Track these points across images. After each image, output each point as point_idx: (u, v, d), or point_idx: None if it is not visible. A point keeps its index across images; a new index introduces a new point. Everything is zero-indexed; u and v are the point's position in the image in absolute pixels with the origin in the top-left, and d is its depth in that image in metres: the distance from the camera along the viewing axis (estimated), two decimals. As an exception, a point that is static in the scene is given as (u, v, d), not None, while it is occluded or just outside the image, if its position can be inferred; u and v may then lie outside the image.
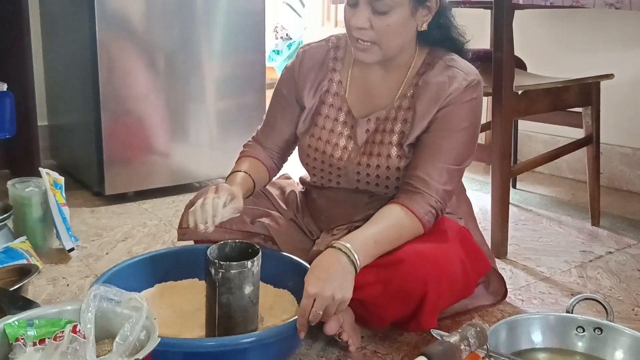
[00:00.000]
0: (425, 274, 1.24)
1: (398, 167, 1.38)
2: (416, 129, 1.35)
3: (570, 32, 2.69)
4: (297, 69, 1.47)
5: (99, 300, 0.98)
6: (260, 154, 1.53)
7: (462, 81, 1.33)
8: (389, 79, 1.41)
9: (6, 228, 1.74)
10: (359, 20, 1.28)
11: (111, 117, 2.25)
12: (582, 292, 1.66)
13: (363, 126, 1.41)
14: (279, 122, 1.52)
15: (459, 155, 1.35)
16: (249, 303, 1.23)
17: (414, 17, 1.31)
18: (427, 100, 1.34)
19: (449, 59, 1.37)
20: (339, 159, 1.43)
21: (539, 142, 2.85)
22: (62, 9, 2.47)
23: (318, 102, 1.46)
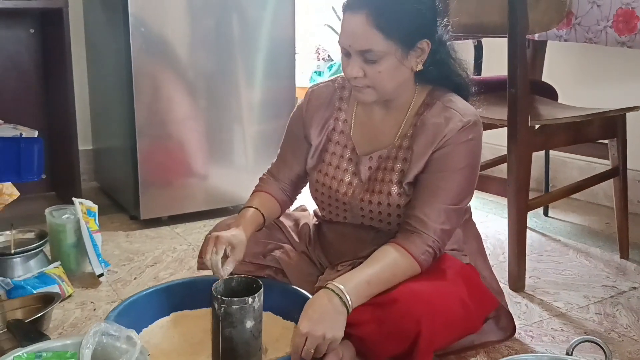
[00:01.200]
0: (418, 313, 1.27)
1: (398, 204, 1.41)
2: (414, 168, 1.39)
3: (603, 63, 2.65)
4: (305, 108, 1.54)
5: (100, 335, 1.05)
6: (272, 188, 1.58)
7: (458, 122, 1.36)
8: (390, 119, 1.45)
9: (42, 253, 1.87)
10: (352, 70, 1.34)
11: (146, 142, 2.36)
12: (596, 330, 1.64)
13: (366, 164, 1.46)
14: (290, 158, 1.58)
15: (456, 196, 1.37)
16: (251, 337, 1.29)
17: (405, 60, 1.34)
18: (424, 140, 1.38)
19: (447, 100, 1.40)
20: (344, 194, 1.48)
21: (575, 169, 2.81)
22: (103, 37, 2.61)
23: (325, 140, 1.52)
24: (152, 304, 1.52)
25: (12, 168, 1.42)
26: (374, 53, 1.31)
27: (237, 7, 2.44)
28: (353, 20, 1.31)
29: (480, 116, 1.95)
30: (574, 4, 1.67)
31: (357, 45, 1.31)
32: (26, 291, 1.66)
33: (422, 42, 1.35)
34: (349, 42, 1.32)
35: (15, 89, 2.61)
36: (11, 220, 1.93)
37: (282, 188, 1.60)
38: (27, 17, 2.58)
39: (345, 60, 1.36)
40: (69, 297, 1.80)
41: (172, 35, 2.36)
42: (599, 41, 1.62)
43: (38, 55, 2.63)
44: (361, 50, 1.31)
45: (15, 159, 1.41)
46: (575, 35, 1.68)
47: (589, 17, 1.64)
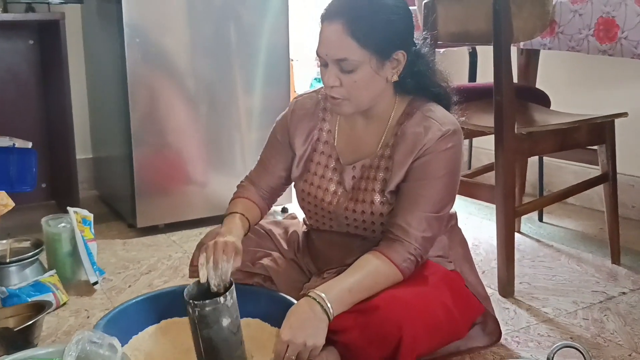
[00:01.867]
0: (399, 318, 1.29)
1: (382, 212, 1.44)
2: (395, 177, 1.41)
3: (596, 69, 2.66)
4: (290, 117, 1.56)
5: (83, 343, 1.08)
6: (253, 195, 1.61)
7: (437, 131, 1.38)
8: (371, 128, 1.48)
9: (38, 262, 1.90)
10: (329, 79, 1.37)
11: (143, 151, 2.40)
12: (583, 335, 1.66)
13: (349, 173, 1.49)
14: (272, 164, 1.60)
15: (437, 203, 1.39)
16: (230, 334, 1.31)
17: (381, 70, 1.36)
18: (404, 149, 1.40)
19: (427, 109, 1.42)
20: (329, 203, 1.50)
21: (570, 174, 2.82)
22: (100, 47, 2.65)
23: (310, 150, 1.54)
24: (142, 312, 1.54)
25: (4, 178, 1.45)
26: (350, 62, 1.33)
27: (233, 15, 2.48)
28: (329, 29, 1.34)
29: (469, 123, 1.98)
30: (557, 13, 1.69)
31: (333, 54, 1.34)
32: (21, 299, 1.70)
33: (398, 53, 1.37)
34: (326, 50, 1.35)
35: (15, 99, 2.65)
36: (10, 229, 1.97)
37: (261, 194, 1.62)
38: (26, 29, 2.63)
39: (323, 70, 1.39)
40: (64, 305, 1.83)
41: (168, 44, 2.40)
42: (581, 49, 1.63)
43: (37, 66, 2.67)
44: (337, 59, 1.34)
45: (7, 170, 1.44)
46: (559, 43, 1.70)
47: (571, 25, 1.66)
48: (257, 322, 1.55)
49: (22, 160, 1.46)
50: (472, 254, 1.66)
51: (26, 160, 1.46)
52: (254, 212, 1.59)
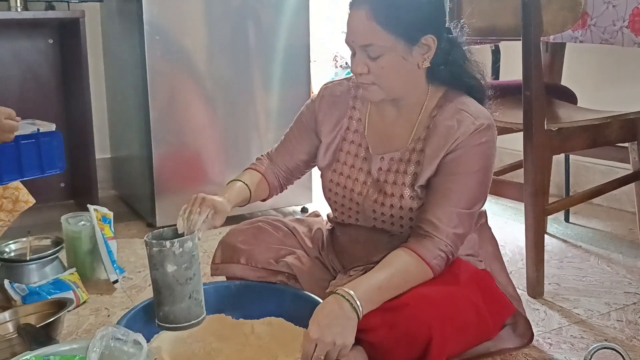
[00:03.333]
0: (429, 318, 1.24)
1: (411, 207, 1.40)
2: (426, 171, 1.37)
3: (623, 64, 2.60)
4: (318, 103, 1.54)
5: (107, 339, 1.05)
6: (266, 170, 1.59)
7: (470, 125, 1.34)
8: (402, 120, 1.44)
9: (57, 260, 1.88)
10: (357, 67, 1.34)
11: (162, 151, 2.38)
12: (617, 337, 1.60)
13: (376, 163, 1.45)
14: (293, 145, 1.58)
15: (469, 199, 1.35)
16: (174, 281, 1.31)
17: (409, 56, 1.33)
18: (436, 143, 1.36)
19: (460, 102, 1.38)
20: (359, 193, 1.46)
21: (597, 173, 2.76)
22: (120, 46, 2.64)
23: (340, 139, 1.51)
24: (164, 310, 1.51)
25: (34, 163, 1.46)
26: (376, 48, 1.30)
27: (253, 15, 2.45)
28: (355, 16, 1.32)
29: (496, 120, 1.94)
30: (589, 5, 1.64)
31: (359, 41, 1.32)
32: (41, 297, 1.68)
33: (427, 38, 1.33)
34: (352, 38, 1.33)
35: (34, 98, 2.64)
36: (30, 227, 1.96)
37: (275, 172, 1.60)
38: (46, 28, 2.62)
39: (352, 59, 1.36)
40: (84, 304, 1.81)
41: (188, 43, 2.38)
42: (615, 42, 1.58)
43: (57, 65, 2.67)
44: (363, 45, 1.31)
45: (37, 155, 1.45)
46: (591, 36, 1.65)
47: (605, 17, 1.61)
48: (281, 322, 1.52)
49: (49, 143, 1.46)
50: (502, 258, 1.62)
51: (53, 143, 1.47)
52: (260, 186, 1.57)
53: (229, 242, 1.64)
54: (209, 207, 1.38)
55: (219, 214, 1.40)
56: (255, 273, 1.57)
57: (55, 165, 1.56)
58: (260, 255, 1.57)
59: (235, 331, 1.50)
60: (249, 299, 1.56)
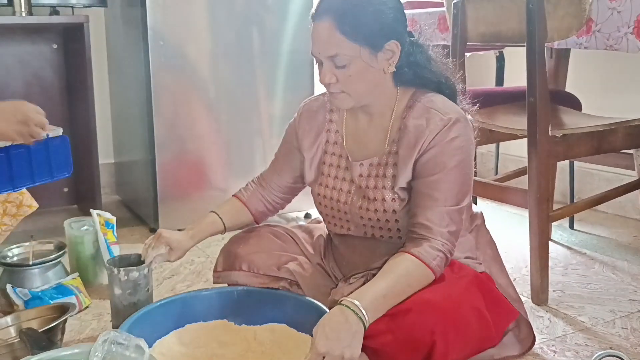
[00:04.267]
0: (432, 323, 1.24)
1: (394, 209, 1.41)
2: (402, 172, 1.38)
3: (628, 71, 2.60)
4: (298, 121, 1.57)
5: (109, 344, 1.05)
6: (250, 197, 1.63)
7: (439, 122, 1.35)
8: (376, 125, 1.46)
9: (60, 265, 1.88)
10: (325, 77, 1.35)
11: (166, 156, 2.38)
12: (622, 345, 1.59)
13: (357, 170, 1.46)
14: (281, 165, 1.62)
15: (454, 196, 1.35)
16: (119, 302, 1.55)
17: (374, 62, 1.34)
18: (407, 143, 1.38)
19: (428, 100, 1.39)
20: (345, 202, 1.48)
21: (602, 180, 2.75)
22: (124, 51, 2.65)
23: (321, 153, 1.53)
24: (167, 315, 1.51)
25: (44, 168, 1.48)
26: (341, 57, 1.32)
27: (256, 20, 2.46)
28: (319, 28, 1.34)
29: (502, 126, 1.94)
30: (593, 11, 1.63)
31: (325, 52, 1.33)
32: (43, 302, 1.67)
33: (391, 44, 1.34)
34: (318, 49, 1.34)
35: (38, 103, 2.60)
36: (33, 232, 1.95)
37: (264, 197, 1.63)
38: (50, 33, 2.63)
39: (319, 69, 1.38)
40: (86, 309, 1.80)
41: (191, 49, 2.38)
42: (620, 48, 1.58)
43: (61, 70, 2.68)
44: (329, 55, 1.33)
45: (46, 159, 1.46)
46: (596, 42, 1.64)
47: (609, 23, 1.60)
48: (284, 328, 1.51)
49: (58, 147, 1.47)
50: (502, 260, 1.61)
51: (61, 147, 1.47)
52: (240, 216, 1.63)
53: (230, 249, 1.64)
54: (162, 244, 1.52)
55: (174, 251, 1.53)
56: (257, 280, 1.57)
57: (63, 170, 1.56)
58: (262, 262, 1.57)
59: (237, 337, 1.50)
60: (252, 305, 1.55)
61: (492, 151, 3.08)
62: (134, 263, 1.61)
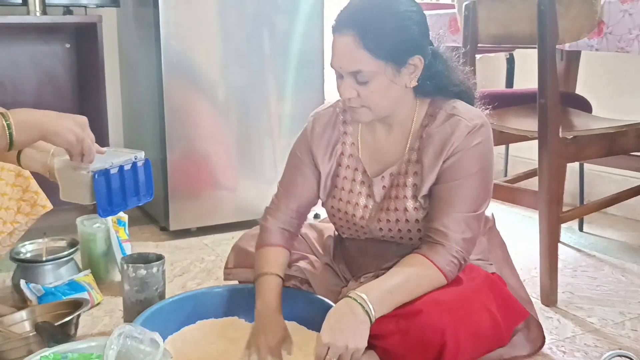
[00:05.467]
0: (443, 324, 1.24)
1: (417, 219, 1.40)
2: (426, 180, 1.37)
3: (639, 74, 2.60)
4: (310, 134, 1.51)
5: (124, 338, 1.06)
6: (280, 238, 1.51)
7: (464, 128, 1.34)
8: (394, 136, 1.44)
9: (73, 261, 1.90)
10: (345, 92, 1.33)
11: (176, 155, 2.40)
12: (632, 347, 1.59)
13: (379, 184, 1.44)
14: (297, 186, 1.52)
15: (473, 202, 1.35)
16: (126, 298, 1.65)
17: (397, 78, 1.32)
18: (433, 151, 1.36)
19: (450, 107, 1.38)
20: (361, 217, 1.46)
21: (612, 183, 2.74)
22: (136, 51, 2.66)
23: (335, 166, 1.50)
24: (178, 312, 1.52)
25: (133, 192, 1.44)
26: (364, 74, 1.29)
27: (267, 21, 2.47)
28: (341, 42, 1.30)
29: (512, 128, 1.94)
30: (605, 13, 1.64)
31: (347, 67, 1.30)
32: (56, 297, 1.69)
33: (414, 59, 1.32)
34: (339, 64, 1.31)
35: (51, 102, 2.67)
36: (45, 229, 1.97)
37: (287, 227, 1.53)
38: (63, 33, 2.65)
39: (339, 82, 1.35)
40: (98, 305, 1.82)
41: (203, 49, 2.40)
42: (632, 50, 1.58)
43: (73, 70, 2.70)
44: (352, 71, 1.30)
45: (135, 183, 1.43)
46: (607, 44, 1.64)
47: (621, 25, 1.61)
48: (294, 325, 1.52)
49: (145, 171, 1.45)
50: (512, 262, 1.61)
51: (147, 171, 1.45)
52: (287, 261, 1.51)
53: (241, 246, 1.64)
54: None
55: None
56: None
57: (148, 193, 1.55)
58: (273, 261, 1.57)
59: (248, 334, 1.51)
60: (262, 302, 1.56)
61: (501, 153, 3.08)
62: (150, 262, 1.62)
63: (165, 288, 1.71)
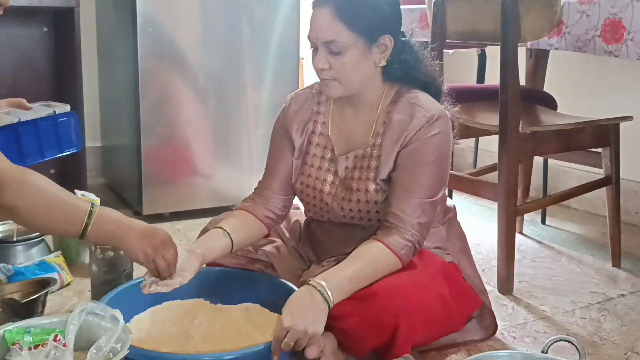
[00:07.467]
0: (397, 307, 1.31)
1: (376, 200, 1.47)
2: (384, 165, 1.45)
3: (605, 73, 2.67)
4: (286, 112, 1.59)
5: (86, 314, 1.11)
6: (255, 207, 1.56)
7: (422, 118, 1.41)
8: (362, 118, 1.51)
9: (43, 242, 1.93)
10: (319, 62, 1.41)
11: (151, 141, 2.43)
12: (579, 333, 1.67)
13: (342, 163, 1.52)
14: (279, 164, 1.58)
15: (429, 189, 1.42)
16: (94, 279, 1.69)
17: (368, 54, 1.41)
18: (391, 137, 1.44)
19: (412, 96, 1.45)
20: (328, 193, 1.53)
21: (574, 178, 2.82)
22: (113, 36, 2.68)
23: (306, 143, 1.56)
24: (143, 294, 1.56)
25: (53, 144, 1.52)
26: (338, 44, 1.37)
27: (246, 9, 2.50)
28: (320, 14, 1.39)
29: (476, 122, 2.01)
30: (564, 14, 1.71)
31: (322, 37, 1.39)
32: (26, 277, 1.73)
33: (385, 38, 1.41)
34: (315, 34, 1.40)
35: (28, 85, 2.69)
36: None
37: (267, 206, 1.57)
38: (41, 16, 2.67)
39: (313, 55, 1.43)
40: (68, 285, 1.86)
41: (180, 36, 2.43)
42: (588, 50, 1.65)
43: (50, 53, 2.71)
44: (326, 41, 1.38)
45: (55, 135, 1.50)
46: (566, 43, 1.71)
47: (578, 26, 1.68)
48: (257, 307, 1.58)
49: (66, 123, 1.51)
50: (473, 253, 1.68)
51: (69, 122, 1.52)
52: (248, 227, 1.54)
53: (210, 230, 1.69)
54: None
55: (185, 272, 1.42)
56: (234, 260, 1.63)
57: (73, 144, 1.61)
58: (241, 243, 1.62)
59: (212, 315, 1.56)
60: (228, 285, 1.62)
61: (471, 146, 3.15)
62: None
63: (133, 270, 1.75)
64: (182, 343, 1.44)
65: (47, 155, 1.54)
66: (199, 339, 1.45)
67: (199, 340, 1.45)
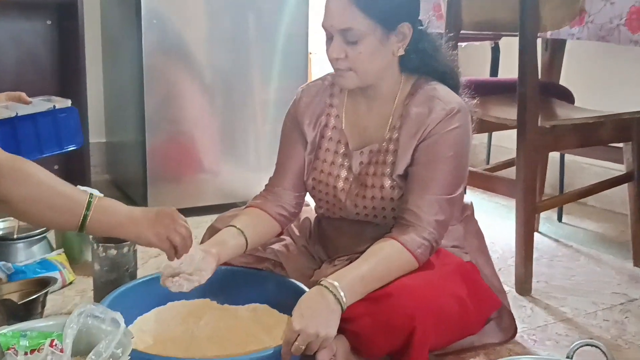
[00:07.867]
0: (412, 309, 1.24)
1: (392, 197, 1.40)
2: (401, 160, 1.38)
3: (623, 66, 2.59)
4: (297, 105, 1.52)
5: (85, 317, 1.05)
6: (266, 203, 1.50)
7: (440, 111, 1.34)
8: (377, 111, 1.44)
9: (45, 240, 1.88)
10: (334, 52, 1.34)
11: (156, 137, 2.37)
12: (602, 336, 1.60)
13: (357, 158, 1.45)
14: (290, 160, 1.52)
15: (447, 186, 1.35)
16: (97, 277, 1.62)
17: (386, 42, 1.34)
18: (408, 131, 1.37)
19: (431, 89, 1.38)
20: (342, 189, 1.46)
21: (592, 175, 2.74)
22: (118, 31, 2.63)
23: (319, 137, 1.50)
24: (149, 293, 1.50)
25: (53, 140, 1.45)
26: (355, 32, 1.30)
27: (253, 3, 2.44)
28: (335, 1, 1.32)
29: (492, 116, 1.93)
30: (587, 2, 1.63)
31: (338, 24, 1.32)
32: (26, 276, 1.67)
33: (403, 25, 1.34)
34: (331, 22, 1.33)
35: (32, 79, 2.63)
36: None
37: (279, 203, 1.51)
38: (44, 9, 2.61)
39: (328, 44, 1.36)
40: (70, 285, 1.80)
41: (186, 30, 2.37)
42: (612, 39, 1.58)
43: (54, 47, 2.66)
44: (342, 29, 1.31)
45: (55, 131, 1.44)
46: (588, 33, 1.64)
47: (602, 14, 1.60)
48: (265, 308, 1.52)
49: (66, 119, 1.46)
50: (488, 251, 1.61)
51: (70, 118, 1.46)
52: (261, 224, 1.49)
53: (217, 227, 1.63)
54: None
55: None
56: (242, 259, 1.57)
57: (73, 141, 1.55)
58: (249, 242, 1.56)
59: (219, 316, 1.50)
60: (235, 285, 1.56)
61: (484, 142, 3.08)
62: (122, 241, 1.60)
63: (136, 269, 1.69)
64: (187, 344, 1.39)
65: (46, 152, 1.48)
66: (205, 340, 1.40)
67: (205, 341, 1.40)
